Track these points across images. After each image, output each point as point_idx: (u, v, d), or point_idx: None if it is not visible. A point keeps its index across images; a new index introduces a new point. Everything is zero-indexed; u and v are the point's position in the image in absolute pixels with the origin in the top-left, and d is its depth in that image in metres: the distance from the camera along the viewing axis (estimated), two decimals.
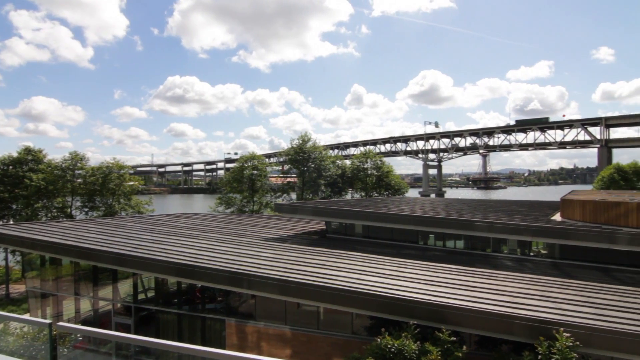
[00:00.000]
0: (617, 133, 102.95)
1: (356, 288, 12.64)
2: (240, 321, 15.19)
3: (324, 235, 22.20)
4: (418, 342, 10.63)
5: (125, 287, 18.50)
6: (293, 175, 49.52)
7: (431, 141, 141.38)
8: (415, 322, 11.27)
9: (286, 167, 49.19)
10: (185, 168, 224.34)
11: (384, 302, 12.09)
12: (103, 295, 18.49)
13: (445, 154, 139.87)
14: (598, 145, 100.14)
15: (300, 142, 45.13)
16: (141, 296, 18.07)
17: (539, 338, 9.90)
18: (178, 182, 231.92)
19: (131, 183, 40.48)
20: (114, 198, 36.99)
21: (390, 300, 12.01)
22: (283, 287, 13.44)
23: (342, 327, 13.98)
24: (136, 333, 16.67)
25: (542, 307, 11.17)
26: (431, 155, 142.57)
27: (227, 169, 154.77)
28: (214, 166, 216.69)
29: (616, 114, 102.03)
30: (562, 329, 9.84)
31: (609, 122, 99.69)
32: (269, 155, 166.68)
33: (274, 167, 61.76)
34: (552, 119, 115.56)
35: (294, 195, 49.00)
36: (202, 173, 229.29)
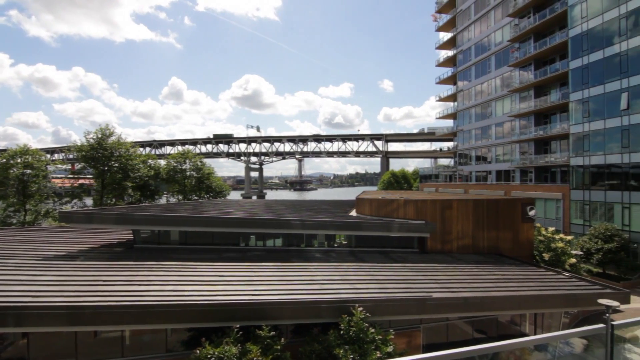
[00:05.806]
0: (392, 146, 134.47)
1: (171, 301, 11.49)
2: None
3: (131, 246, 19.28)
4: (239, 344, 10.54)
5: None
6: (89, 177, 40.90)
7: (253, 144, 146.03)
8: (237, 324, 11.13)
9: (78, 166, 40.10)
10: None
11: (204, 310, 11.44)
12: None
13: (267, 157, 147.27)
14: (381, 155, 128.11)
15: (100, 136, 37.82)
16: None
17: (342, 316, 11.55)
18: None
19: None
20: None
21: (210, 307, 11.47)
22: (73, 315, 10.80)
23: (155, 347, 12.39)
24: None
25: (343, 290, 13.12)
26: (253, 159, 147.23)
27: None
28: None
29: (392, 132, 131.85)
30: (357, 305, 11.78)
31: (387, 138, 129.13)
32: (52, 151, 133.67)
33: (60, 166, 48.87)
34: (349, 132, 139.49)
35: (89, 201, 40.69)
36: None
